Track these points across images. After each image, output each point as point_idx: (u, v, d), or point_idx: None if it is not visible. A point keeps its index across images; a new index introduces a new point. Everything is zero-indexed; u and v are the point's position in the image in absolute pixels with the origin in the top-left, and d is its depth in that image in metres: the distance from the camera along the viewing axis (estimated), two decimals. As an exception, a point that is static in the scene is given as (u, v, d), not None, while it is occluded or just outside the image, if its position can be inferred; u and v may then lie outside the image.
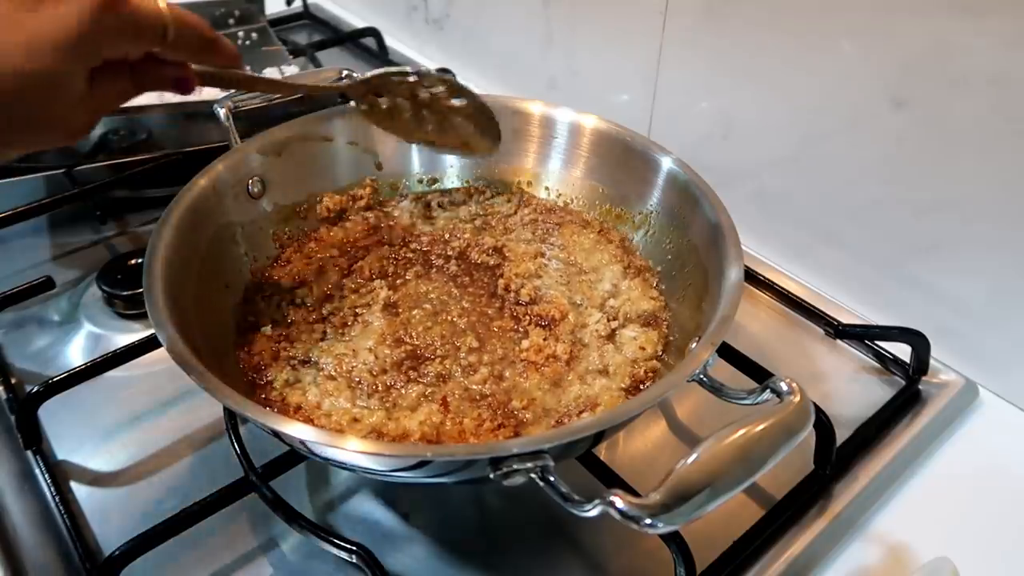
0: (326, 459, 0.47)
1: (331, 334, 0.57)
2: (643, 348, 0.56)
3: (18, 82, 0.38)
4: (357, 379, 0.53)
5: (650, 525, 0.35)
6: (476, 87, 1.03)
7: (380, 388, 0.53)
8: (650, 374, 0.55)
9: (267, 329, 0.57)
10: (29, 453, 0.57)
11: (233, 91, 0.62)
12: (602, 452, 0.57)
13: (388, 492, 0.55)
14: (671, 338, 0.57)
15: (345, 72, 0.73)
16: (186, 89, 0.48)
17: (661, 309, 0.59)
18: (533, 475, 0.39)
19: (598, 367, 0.55)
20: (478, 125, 0.67)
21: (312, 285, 0.61)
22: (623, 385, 0.54)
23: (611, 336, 0.57)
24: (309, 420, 0.50)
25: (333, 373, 0.54)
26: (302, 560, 0.51)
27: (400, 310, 0.59)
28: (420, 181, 0.72)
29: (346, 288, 0.61)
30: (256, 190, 0.64)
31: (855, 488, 0.54)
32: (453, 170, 0.72)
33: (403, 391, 0.52)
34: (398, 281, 0.62)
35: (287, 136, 0.66)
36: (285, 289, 0.61)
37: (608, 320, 0.58)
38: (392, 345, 0.56)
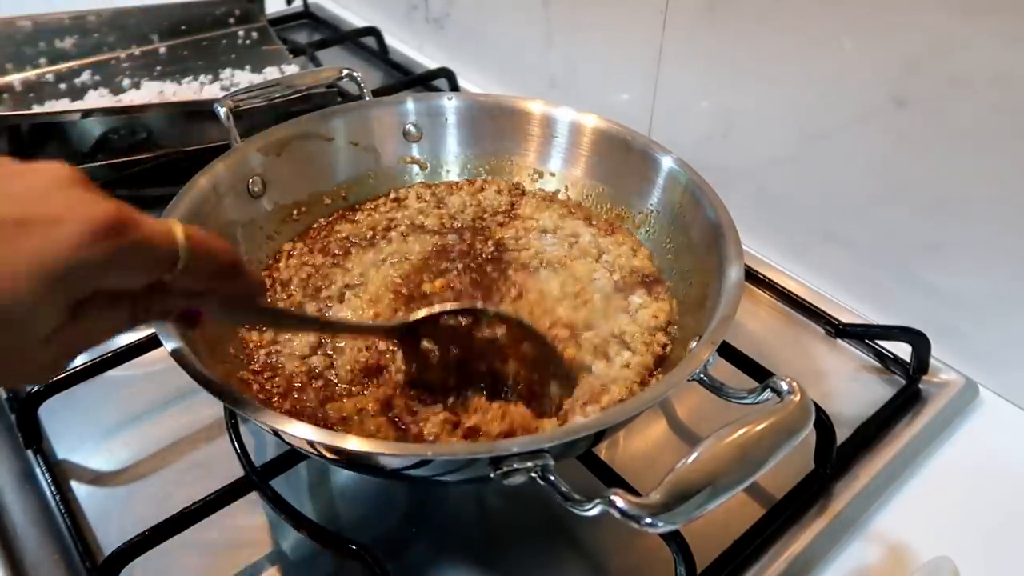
0: (326, 458, 0.47)
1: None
2: (655, 316, 0.58)
3: None
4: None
5: (650, 524, 0.35)
6: (476, 86, 1.04)
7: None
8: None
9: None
10: (29, 452, 0.57)
11: (234, 90, 0.62)
12: (602, 451, 0.57)
13: (388, 491, 0.55)
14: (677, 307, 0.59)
15: (345, 71, 0.73)
16: (193, 323, 0.41)
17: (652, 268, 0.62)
18: (533, 474, 0.39)
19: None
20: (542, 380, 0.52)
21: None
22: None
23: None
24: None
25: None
26: (302, 560, 0.51)
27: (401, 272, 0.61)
28: (421, 176, 0.72)
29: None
30: (256, 189, 0.64)
31: (855, 487, 0.54)
32: (454, 169, 0.72)
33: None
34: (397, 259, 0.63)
35: (287, 135, 0.66)
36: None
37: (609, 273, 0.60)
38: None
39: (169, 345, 0.44)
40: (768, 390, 0.42)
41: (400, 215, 0.68)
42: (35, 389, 0.57)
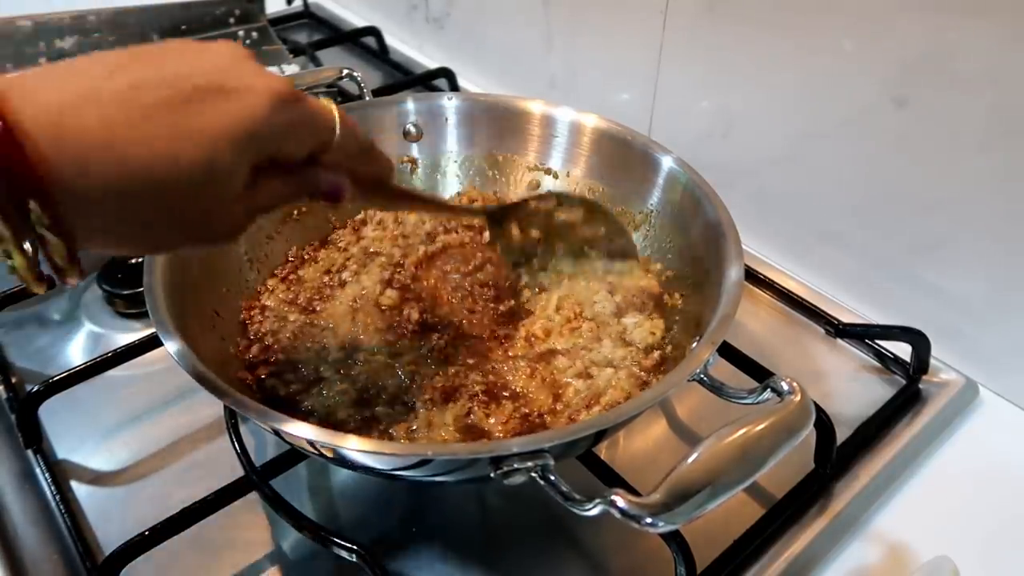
0: (327, 458, 0.47)
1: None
2: (652, 333, 0.58)
3: (183, 172, 0.33)
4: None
5: (651, 524, 0.35)
6: (476, 86, 1.04)
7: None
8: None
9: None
10: (29, 452, 0.57)
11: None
12: (603, 451, 0.57)
13: (388, 491, 0.55)
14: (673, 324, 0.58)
15: (345, 71, 0.73)
16: (338, 198, 0.43)
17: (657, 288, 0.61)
18: (534, 474, 0.39)
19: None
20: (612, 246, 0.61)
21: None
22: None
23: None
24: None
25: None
26: (302, 559, 0.51)
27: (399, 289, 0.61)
28: (421, 176, 0.72)
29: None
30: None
31: (855, 487, 0.54)
32: (453, 168, 0.72)
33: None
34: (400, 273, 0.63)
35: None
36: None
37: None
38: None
39: (170, 345, 0.44)
40: (768, 390, 0.42)
41: (358, 248, 0.66)
42: (35, 389, 0.57)
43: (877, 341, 0.65)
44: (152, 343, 0.60)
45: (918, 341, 0.62)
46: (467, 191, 0.72)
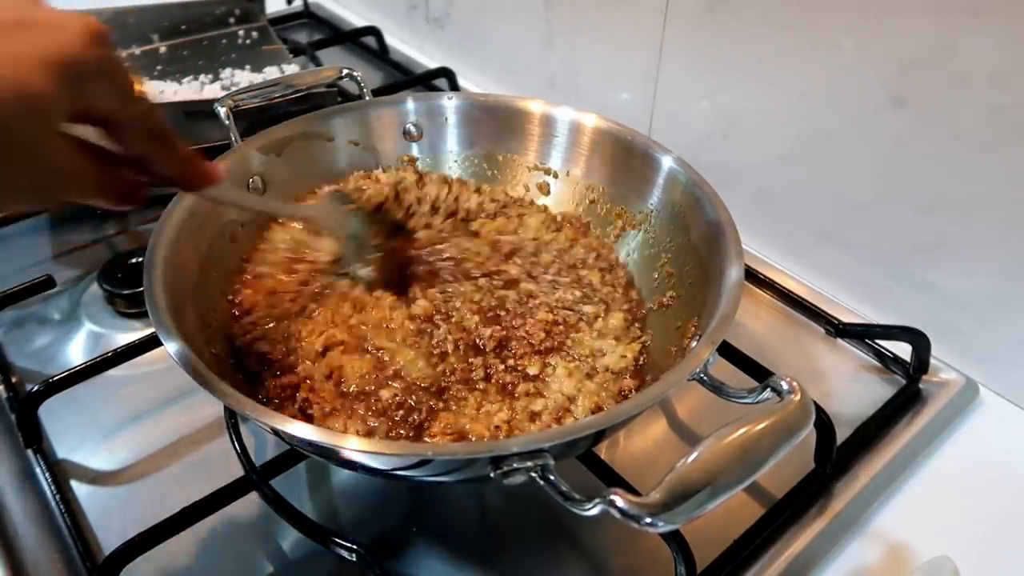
0: (326, 458, 0.47)
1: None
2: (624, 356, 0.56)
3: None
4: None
5: (650, 524, 0.35)
6: (476, 86, 1.04)
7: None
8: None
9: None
10: (29, 452, 0.57)
11: (234, 89, 0.62)
12: (602, 451, 0.57)
13: (388, 491, 0.55)
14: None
15: (345, 71, 0.73)
16: (132, 198, 0.42)
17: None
18: (533, 474, 0.39)
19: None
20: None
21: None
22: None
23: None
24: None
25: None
26: (302, 559, 0.51)
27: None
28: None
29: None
30: (257, 189, 0.64)
31: (855, 487, 0.54)
32: (453, 168, 0.72)
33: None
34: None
35: (288, 135, 0.66)
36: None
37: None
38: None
39: (169, 345, 0.44)
40: (768, 390, 0.41)
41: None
42: (35, 389, 0.57)
43: (877, 341, 0.65)
44: (152, 343, 0.60)
45: (918, 341, 0.62)
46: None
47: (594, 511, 0.37)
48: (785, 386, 0.40)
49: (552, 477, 0.39)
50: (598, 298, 0.61)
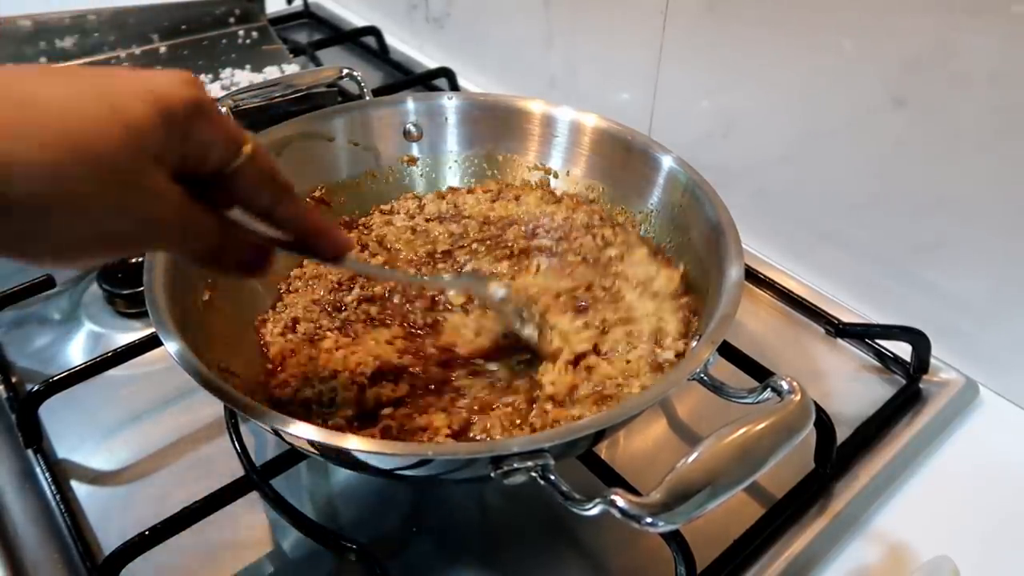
0: (327, 458, 0.47)
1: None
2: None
3: (90, 115, 0.31)
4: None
5: (651, 524, 0.35)
6: (476, 86, 1.04)
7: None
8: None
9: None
10: (30, 452, 0.57)
11: (234, 89, 0.62)
12: (603, 451, 0.57)
13: (388, 491, 0.55)
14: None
15: (345, 71, 0.73)
16: (258, 265, 0.40)
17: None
18: (534, 474, 0.39)
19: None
20: None
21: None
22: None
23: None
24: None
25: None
26: (302, 559, 0.51)
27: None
28: (421, 176, 0.72)
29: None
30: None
31: (855, 487, 0.54)
32: (453, 168, 0.72)
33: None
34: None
35: (288, 135, 0.66)
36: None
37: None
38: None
39: (169, 345, 0.44)
40: (768, 389, 0.41)
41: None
42: (35, 388, 0.57)
43: (877, 341, 0.65)
44: (152, 343, 0.60)
45: (918, 341, 0.62)
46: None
47: (594, 511, 0.37)
48: (785, 386, 0.40)
49: (552, 477, 0.39)
50: (616, 243, 0.63)
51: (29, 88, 0.31)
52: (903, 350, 0.63)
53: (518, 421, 0.50)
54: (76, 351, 0.66)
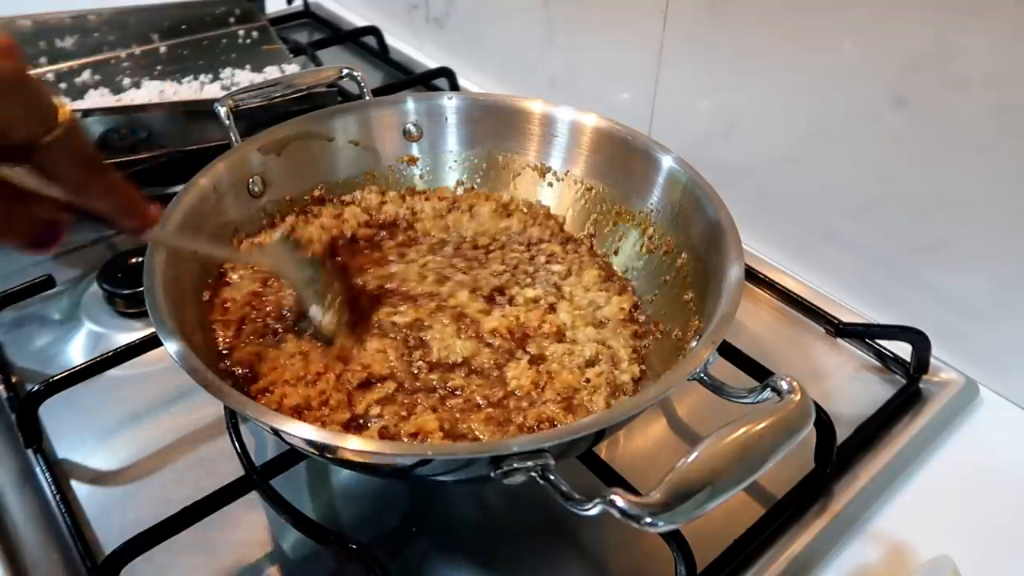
0: (327, 458, 0.47)
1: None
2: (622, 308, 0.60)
3: None
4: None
5: (650, 524, 0.35)
6: (476, 86, 1.04)
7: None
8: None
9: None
10: (30, 452, 0.57)
11: (234, 89, 0.62)
12: (602, 451, 0.57)
13: (388, 491, 0.55)
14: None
15: (345, 71, 0.73)
16: (48, 241, 0.38)
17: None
18: (534, 474, 0.39)
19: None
20: None
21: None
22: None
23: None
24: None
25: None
26: (302, 559, 0.51)
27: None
28: (421, 177, 0.72)
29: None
30: (257, 189, 0.64)
31: (856, 487, 0.54)
32: (453, 168, 0.72)
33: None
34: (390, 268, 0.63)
35: (288, 135, 0.66)
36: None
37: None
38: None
39: (169, 345, 0.44)
40: (768, 389, 0.41)
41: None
42: (35, 388, 0.57)
43: (877, 341, 0.65)
44: (152, 343, 0.60)
45: (918, 341, 0.62)
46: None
47: (594, 511, 0.37)
48: (785, 386, 0.40)
49: (552, 477, 0.39)
50: (566, 261, 0.65)
51: None
52: (903, 350, 0.63)
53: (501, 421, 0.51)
54: (76, 351, 0.66)
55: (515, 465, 0.39)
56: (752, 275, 0.72)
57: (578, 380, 0.54)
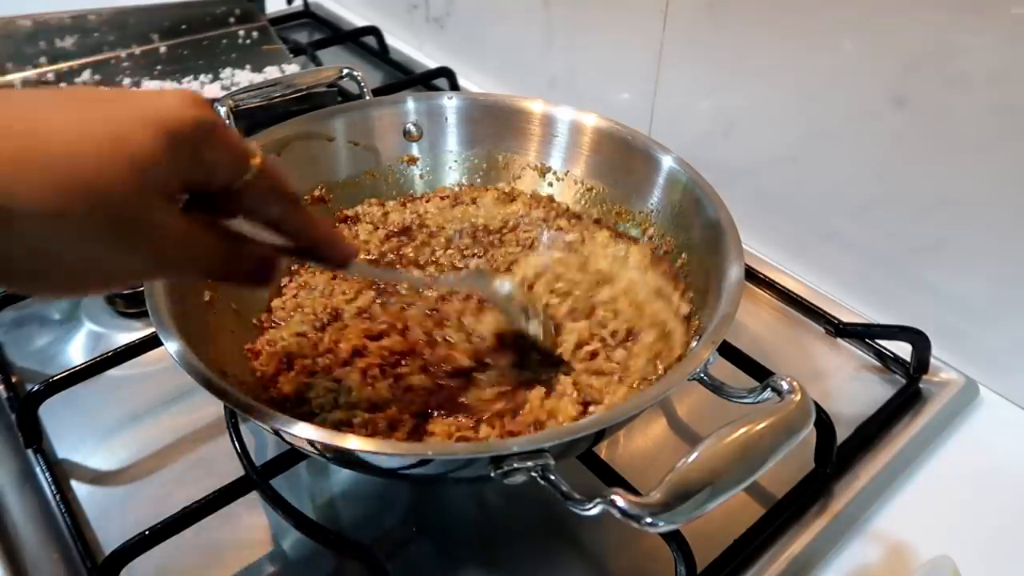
0: (327, 458, 0.47)
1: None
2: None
3: (92, 144, 0.30)
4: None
5: (651, 524, 0.35)
6: (476, 86, 1.04)
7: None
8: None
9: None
10: (30, 452, 0.57)
11: (234, 89, 0.62)
12: (603, 451, 0.57)
13: (388, 491, 0.55)
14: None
15: (345, 71, 0.73)
16: (263, 278, 0.40)
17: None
18: (534, 474, 0.39)
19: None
20: None
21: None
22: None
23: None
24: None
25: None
26: (302, 559, 0.51)
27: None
28: (421, 177, 0.72)
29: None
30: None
31: (856, 487, 0.54)
32: (453, 168, 0.72)
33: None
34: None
35: (288, 134, 0.66)
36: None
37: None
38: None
39: (170, 345, 0.44)
40: (768, 389, 0.42)
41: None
42: (35, 388, 0.57)
43: (877, 341, 0.65)
44: (152, 343, 0.60)
45: (918, 341, 0.62)
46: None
47: (594, 511, 0.37)
48: (785, 386, 0.40)
49: (553, 477, 0.39)
50: (577, 230, 0.66)
51: (35, 117, 0.30)
52: (903, 350, 0.63)
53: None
54: (76, 351, 0.66)
55: (515, 465, 0.39)
56: (752, 275, 0.72)
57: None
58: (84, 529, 0.52)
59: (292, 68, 0.94)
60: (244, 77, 0.92)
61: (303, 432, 0.41)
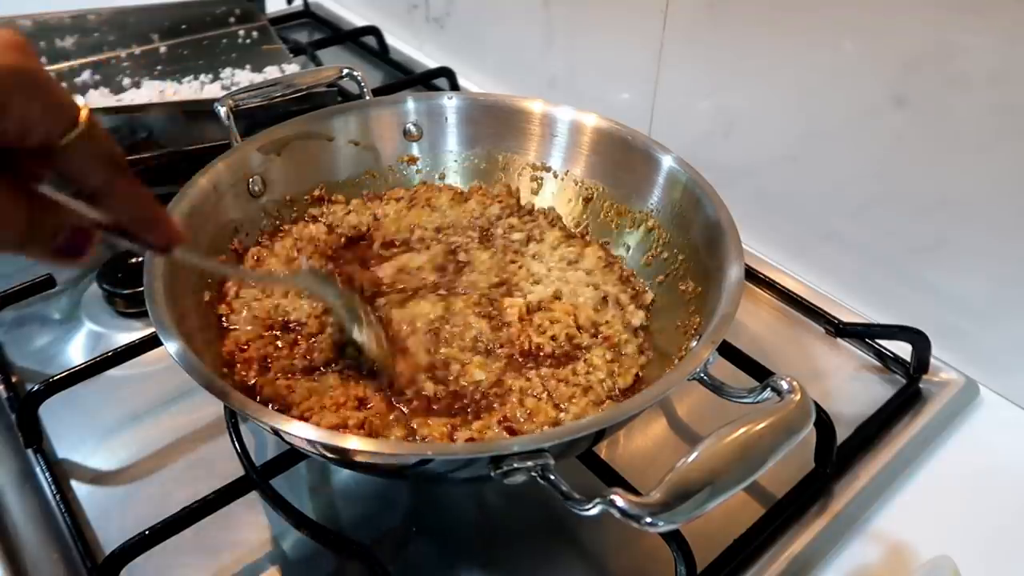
0: (327, 457, 0.47)
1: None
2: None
3: None
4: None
5: (650, 524, 0.35)
6: (476, 86, 1.04)
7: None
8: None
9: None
10: (30, 452, 0.57)
11: (234, 89, 0.62)
12: (602, 451, 0.57)
13: (388, 491, 0.55)
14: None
15: (345, 70, 0.73)
16: (72, 253, 0.36)
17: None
18: (534, 474, 0.39)
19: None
20: None
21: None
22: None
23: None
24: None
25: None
26: (302, 559, 0.51)
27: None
28: (421, 176, 0.72)
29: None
30: (257, 189, 0.64)
31: (856, 486, 0.54)
32: (453, 167, 0.72)
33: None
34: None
35: (288, 135, 0.66)
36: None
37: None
38: None
39: (170, 345, 0.44)
40: (768, 389, 0.41)
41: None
42: (35, 388, 0.57)
43: (877, 341, 0.65)
44: (152, 343, 0.60)
45: (918, 340, 0.62)
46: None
47: (594, 511, 0.37)
48: (785, 386, 0.40)
49: (552, 477, 0.39)
50: (528, 229, 0.67)
51: None
52: (903, 350, 0.63)
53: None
54: (76, 351, 0.66)
55: (515, 465, 0.39)
56: (752, 275, 0.72)
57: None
58: (84, 529, 0.52)
59: (292, 68, 0.94)
60: (244, 77, 0.92)
61: (303, 432, 0.41)
